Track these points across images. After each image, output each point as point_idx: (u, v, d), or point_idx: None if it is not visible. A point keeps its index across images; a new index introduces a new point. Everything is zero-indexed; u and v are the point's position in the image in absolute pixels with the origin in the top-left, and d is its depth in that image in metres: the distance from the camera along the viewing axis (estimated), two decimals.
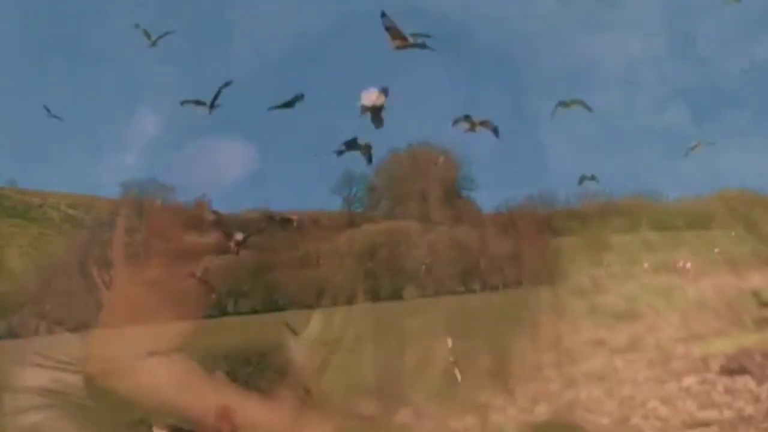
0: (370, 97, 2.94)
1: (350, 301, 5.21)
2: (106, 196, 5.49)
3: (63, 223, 5.68)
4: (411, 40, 3.43)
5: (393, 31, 3.46)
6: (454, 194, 5.96)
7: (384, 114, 2.97)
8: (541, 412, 2.62)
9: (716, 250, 4.89)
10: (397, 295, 5.43)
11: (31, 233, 5.48)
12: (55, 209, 5.78)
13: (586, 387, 2.70)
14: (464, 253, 5.34)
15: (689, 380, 2.67)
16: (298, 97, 3.95)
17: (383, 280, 5.42)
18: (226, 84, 3.88)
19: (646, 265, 4.78)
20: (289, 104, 3.90)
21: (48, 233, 5.54)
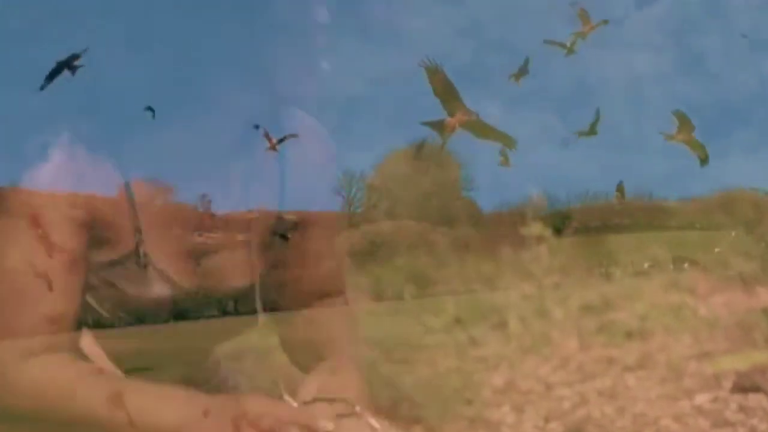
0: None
1: (350, 301, 5.22)
2: (106, 196, 5.49)
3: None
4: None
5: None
6: (454, 194, 5.96)
7: None
8: (554, 430, 2.62)
9: (716, 250, 4.90)
10: (397, 295, 5.43)
11: (32, 233, 5.46)
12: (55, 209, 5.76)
13: (598, 405, 2.71)
14: (464, 253, 5.35)
15: (702, 398, 2.66)
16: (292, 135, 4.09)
17: (383, 280, 5.42)
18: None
19: (646, 265, 4.79)
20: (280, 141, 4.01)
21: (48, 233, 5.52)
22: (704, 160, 3.67)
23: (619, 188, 4.37)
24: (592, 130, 3.88)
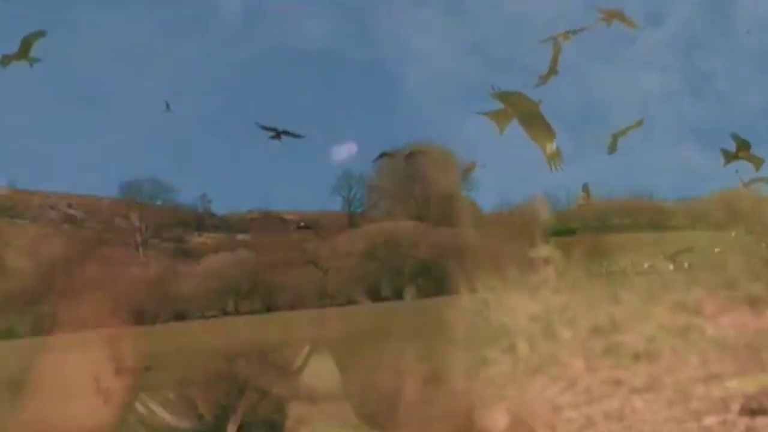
0: None
1: (350, 301, 5.22)
2: (107, 196, 5.49)
3: (63, 223, 5.68)
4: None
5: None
6: (454, 194, 5.96)
7: None
8: None
9: (716, 250, 4.89)
10: (397, 295, 5.42)
11: (31, 233, 5.48)
12: (55, 209, 5.78)
13: (605, 427, 2.69)
14: (464, 253, 5.34)
15: (710, 420, 2.63)
16: (298, 135, 4.11)
17: (383, 280, 5.42)
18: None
19: (646, 265, 4.78)
20: (287, 133, 4.03)
21: (48, 233, 5.53)
22: (758, 169, 3.76)
23: (585, 189, 4.34)
24: (625, 132, 3.86)
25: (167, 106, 4.24)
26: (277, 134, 4.17)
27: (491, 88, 3.07)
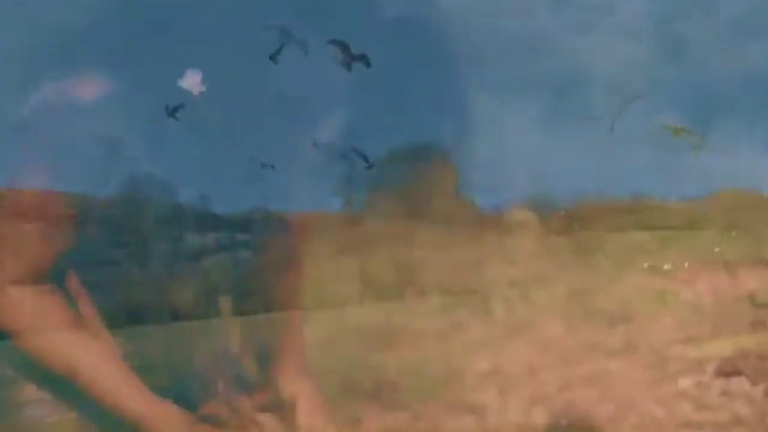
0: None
1: (350, 301, 5.23)
2: (106, 195, 5.50)
3: (63, 223, 5.67)
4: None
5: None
6: (453, 194, 5.96)
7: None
8: (538, 414, 2.64)
9: (716, 249, 4.92)
10: (397, 295, 5.42)
11: (31, 233, 5.47)
12: (55, 209, 5.77)
13: (581, 389, 2.72)
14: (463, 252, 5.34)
15: (685, 382, 2.70)
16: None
17: (383, 280, 5.42)
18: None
19: (646, 265, 4.81)
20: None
21: (48, 233, 5.53)
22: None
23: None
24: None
25: (366, 160, 4.25)
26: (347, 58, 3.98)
27: None
